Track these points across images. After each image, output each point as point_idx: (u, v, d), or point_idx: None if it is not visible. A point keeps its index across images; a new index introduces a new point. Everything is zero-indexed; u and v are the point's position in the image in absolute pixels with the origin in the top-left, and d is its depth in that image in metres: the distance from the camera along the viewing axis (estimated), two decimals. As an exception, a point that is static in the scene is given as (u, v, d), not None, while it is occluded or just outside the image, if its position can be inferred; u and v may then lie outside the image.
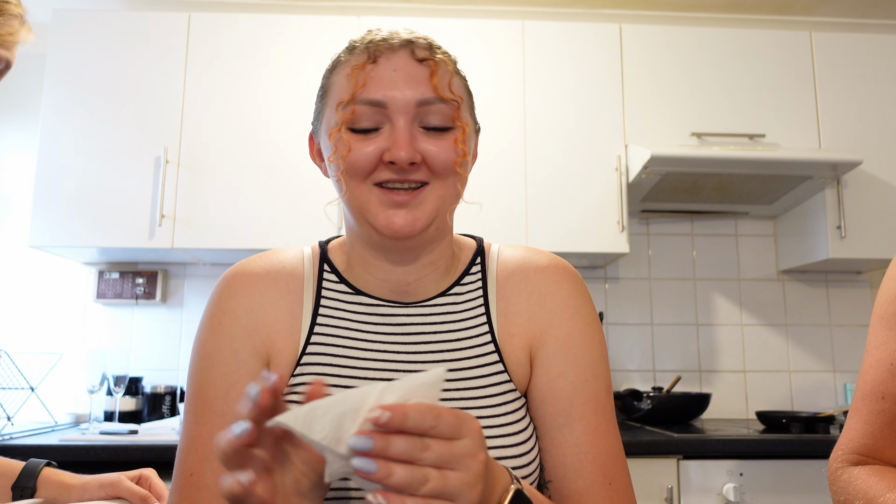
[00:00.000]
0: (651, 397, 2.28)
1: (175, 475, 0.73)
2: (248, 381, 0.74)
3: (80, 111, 2.26)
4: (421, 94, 0.71)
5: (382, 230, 0.72)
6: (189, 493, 0.71)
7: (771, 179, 2.31)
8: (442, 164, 0.72)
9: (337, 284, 0.80)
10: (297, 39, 2.35)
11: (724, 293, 2.67)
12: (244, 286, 0.78)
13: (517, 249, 0.84)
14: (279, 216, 2.24)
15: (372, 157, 0.71)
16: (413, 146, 0.71)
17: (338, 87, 0.75)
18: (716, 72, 2.43)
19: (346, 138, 0.72)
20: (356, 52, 0.75)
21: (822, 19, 2.84)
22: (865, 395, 0.79)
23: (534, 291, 0.80)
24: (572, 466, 0.73)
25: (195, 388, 0.75)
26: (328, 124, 0.75)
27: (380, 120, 0.72)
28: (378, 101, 0.71)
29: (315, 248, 0.84)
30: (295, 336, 0.77)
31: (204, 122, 2.29)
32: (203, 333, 0.77)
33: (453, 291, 0.80)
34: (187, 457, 0.72)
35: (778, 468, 1.88)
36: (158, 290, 2.52)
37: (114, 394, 2.23)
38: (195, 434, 0.73)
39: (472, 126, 0.78)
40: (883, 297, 0.82)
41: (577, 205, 2.31)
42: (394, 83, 0.71)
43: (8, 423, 2.11)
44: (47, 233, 2.20)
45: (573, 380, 0.76)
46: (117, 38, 2.32)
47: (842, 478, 0.77)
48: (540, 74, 2.39)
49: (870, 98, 2.44)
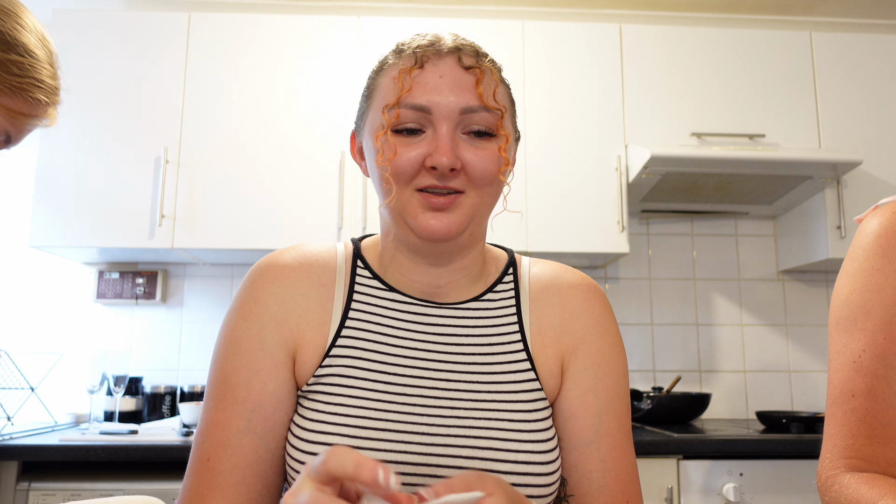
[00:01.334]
0: (651, 397, 2.28)
1: (192, 459, 0.74)
2: (271, 370, 0.74)
3: (80, 111, 2.26)
4: (465, 101, 0.72)
5: (420, 232, 0.73)
6: (204, 478, 0.71)
7: (771, 179, 2.31)
8: (480, 173, 0.73)
9: (370, 280, 0.81)
10: (297, 39, 2.35)
11: (724, 293, 2.67)
12: (276, 276, 0.79)
13: (548, 265, 0.87)
14: (279, 216, 2.24)
15: (415, 162, 0.72)
16: (454, 153, 0.72)
17: (383, 90, 0.76)
18: (716, 72, 2.43)
19: (392, 141, 0.73)
20: (404, 55, 0.76)
21: (822, 19, 2.84)
22: (836, 398, 0.79)
23: (567, 307, 0.82)
24: (597, 483, 0.75)
25: (219, 374, 0.75)
26: (373, 126, 0.76)
27: (423, 124, 0.73)
28: (422, 107, 0.72)
29: (348, 244, 0.85)
30: (324, 328, 0.77)
31: (204, 122, 2.29)
32: (231, 319, 0.78)
33: (486, 297, 0.82)
34: (204, 441, 0.73)
35: (778, 468, 1.88)
36: (158, 290, 2.52)
37: (114, 394, 2.23)
38: (214, 419, 0.73)
39: (513, 135, 0.79)
40: (835, 303, 0.83)
41: (576, 205, 2.31)
42: (439, 89, 0.72)
43: (8, 423, 2.11)
44: (47, 233, 2.20)
45: (602, 396, 0.78)
46: (117, 38, 2.32)
47: (833, 488, 0.77)
48: (540, 74, 2.39)
49: (870, 98, 2.44)
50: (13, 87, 0.79)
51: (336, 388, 0.73)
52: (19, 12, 0.83)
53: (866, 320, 0.78)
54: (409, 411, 0.72)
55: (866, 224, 0.84)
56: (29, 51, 0.81)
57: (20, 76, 0.79)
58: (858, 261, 0.82)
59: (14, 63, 0.79)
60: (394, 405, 0.73)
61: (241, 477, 0.72)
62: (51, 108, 0.86)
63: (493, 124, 0.74)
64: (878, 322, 0.77)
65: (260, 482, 0.72)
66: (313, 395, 0.74)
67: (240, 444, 0.72)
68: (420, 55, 0.74)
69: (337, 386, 0.74)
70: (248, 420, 0.73)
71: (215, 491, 0.71)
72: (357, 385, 0.74)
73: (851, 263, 0.83)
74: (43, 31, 0.85)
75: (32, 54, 0.81)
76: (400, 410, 0.72)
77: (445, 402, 0.74)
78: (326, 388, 0.74)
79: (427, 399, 0.74)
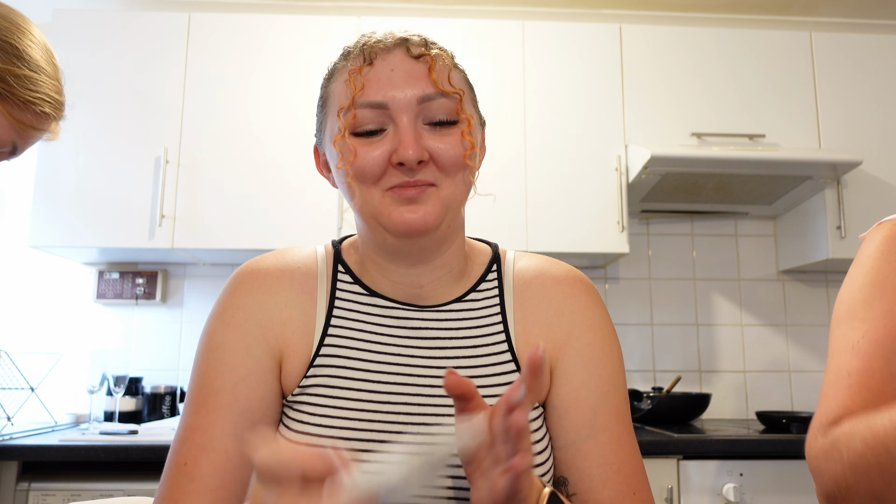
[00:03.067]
0: (651, 397, 2.28)
1: (168, 465, 0.71)
2: (260, 376, 0.73)
3: (80, 111, 2.26)
4: (421, 90, 0.71)
5: (396, 228, 0.71)
6: (180, 484, 0.69)
7: (771, 179, 2.31)
8: (450, 160, 0.71)
9: (351, 285, 0.79)
10: (297, 39, 2.35)
11: (724, 293, 2.67)
12: (259, 283, 0.77)
13: (533, 259, 0.84)
14: (279, 216, 2.24)
15: (380, 161, 0.70)
16: (419, 144, 0.70)
17: (337, 94, 0.74)
18: (716, 72, 2.43)
19: (350, 144, 0.71)
20: (351, 56, 0.75)
21: (822, 19, 2.84)
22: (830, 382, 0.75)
23: (552, 302, 0.80)
24: (598, 478, 0.74)
25: (199, 380, 0.73)
26: (331, 132, 0.74)
27: (383, 122, 0.71)
28: (379, 103, 0.70)
29: (328, 247, 0.83)
30: (309, 336, 0.76)
31: (204, 122, 2.29)
32: (213, 326, 0.76)
33: (469, 298, 0.80)
34: (182, 446, 0.71)
35: (778, 468, 1.88)
36: (158, 291, 2.52)
37: (114, 394, 2.23)
38: (194, 424, 0.71)
39: (476, 118, 0.77)
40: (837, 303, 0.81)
41: (577, 205, 2.31)
42: (393, 83, 0.71)
43: (8, 423, 2.11)
44: (47, 233, 2.20)
45: (596, 391, 0.76)
46: (117, 38, 2.32)
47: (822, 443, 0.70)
48: (540, 74, 2.39)
49: (870, 98, 2.44)
50: (25, 100, 0.82)
51: (321, 399, 0.72)
52: (30, 29, 0.86)
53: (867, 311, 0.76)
54: (394, 420, 0.72)
55: (870, 237, 0.84)
56: (40, 67, 0.85)
57: (32, 91, 0.83)
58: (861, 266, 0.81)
59: (27, 78, 0.82)
60: (379, 413, 0.72)
61: (222, 481, 0.69)
62: (55, 122, 0.90)
63: (452, 110, 0.72)
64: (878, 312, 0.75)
65: (240, 488, 0.70)
66: (298, 406, 0.73)
67: (224, 447, 0.70)
68: (368, 52, 0.73)
69: (322, 396, 0.73)
70: (235, 424, 0.71)
71: (193, 497, 0.68)
72: (342, 395, 0.73)
73: (854, 269, 0.82)
74: (49, 47, 0.89)
75: (42, 70, 0.85)
76: (385, 420, 0.71)
77: (430, 408, 0.73)
78: (312, 398, 0.73)
79: (412, 406, 0.73)
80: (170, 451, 0.72)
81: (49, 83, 0.86)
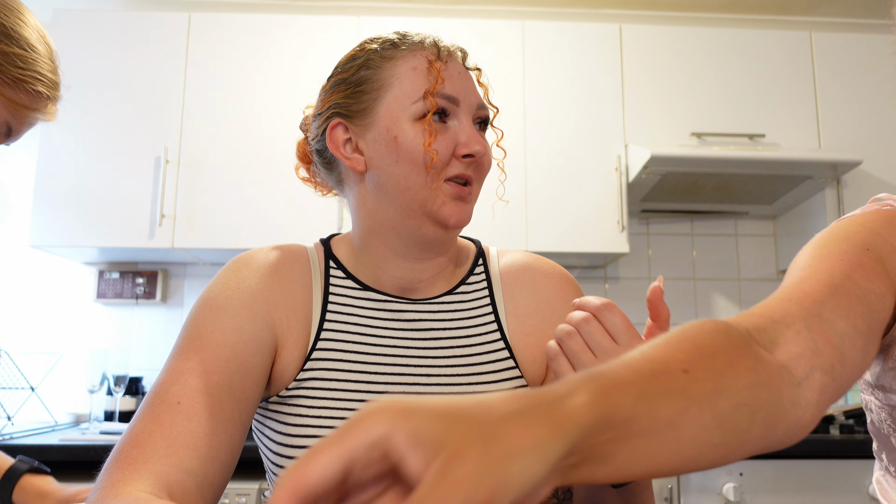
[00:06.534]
0: (651, 397, 2.28)
1: (152, 404, 0.64)
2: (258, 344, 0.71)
3: (80, 111, 2.26)
4: (479, 97, 0.78)
5: (446, 221, 0.74)
6: (175, 422, 0.62)
7: (771, 179, 2.31)
8: (488, 163, 0.79)
9: (344, 280, 0.80)
10: (297, 39, 2.35)
11: (724, 293, 2.67)
12: (261, 266, 0.77)
13: (517, 254, 0.87)
14: (279, 216, 2.24)
15: (449, 151, 0.74)
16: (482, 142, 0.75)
17: (404, 79, 0.74)
18: (716, 72, 2.43)
19: (435, 127, 0.73)
20: (425, 45, 0.77)
21: (822, 19, 2.84)
22: None
23: (542, 295, 0.82)
24: None
25: (192, 330, 0.70)
26: (402, 111, 0.73)
27: (448, 116, 0.75)
28: (454, 98, 0.75)
29: (318, 244, 0.84)
30: (306, 329, 0.76)
31: (204, 122, 2.29)
32: (215, 290, 0.73)
33: (460, 290, 0.82)
34: (173, 386, 0.65)
35: (778, 468, 1.88)
36: (158, 290, 2.52)
37: (114, 394, 2.23)
38: (187, 367, 0.66)
39: None
40: None
41: (577, 205, 2.32)
42: (463, 83, 0.76)
43: (8, 422, 2.11)
44: (47, 233, 2.20)
45: None
46: (117, 38, 2.32)
47: None
48: (540, 74, 2.39)
49: (870, 98, 2.44)
50: (16, 78, 0.81)
51: (319, 392, 0.73)
52: (21, 9, 0.85)
53: (844, 244, 0.63)
54: None
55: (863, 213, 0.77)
56: (31, 45, 0.83)
57: (22, 68, 0.81)
58: None
59: (17, 56, 0.81)
60: None
61: (214, 428, 0.64)
62: (51, 102, 0.87)
63: (488, 120, 0.81)
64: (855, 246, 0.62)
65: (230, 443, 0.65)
66: (295, 400, 0.73)
67: (219, 398, 0.65)
68: (442, 50, 0.77)
69: (320, 389, 0.73)
70: (230, 381, 0.67)
71: (193, 435, 0.62)
72: (340, 387, 0.73)
73: None
74: (42, 30, 0.87)
75: (34, 48, 0.83)
76: None
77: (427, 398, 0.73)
78: (309, 391, 0.73)
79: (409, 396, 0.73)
80: (152, 392, 0.66)
81: (42, 62, 0.84)
